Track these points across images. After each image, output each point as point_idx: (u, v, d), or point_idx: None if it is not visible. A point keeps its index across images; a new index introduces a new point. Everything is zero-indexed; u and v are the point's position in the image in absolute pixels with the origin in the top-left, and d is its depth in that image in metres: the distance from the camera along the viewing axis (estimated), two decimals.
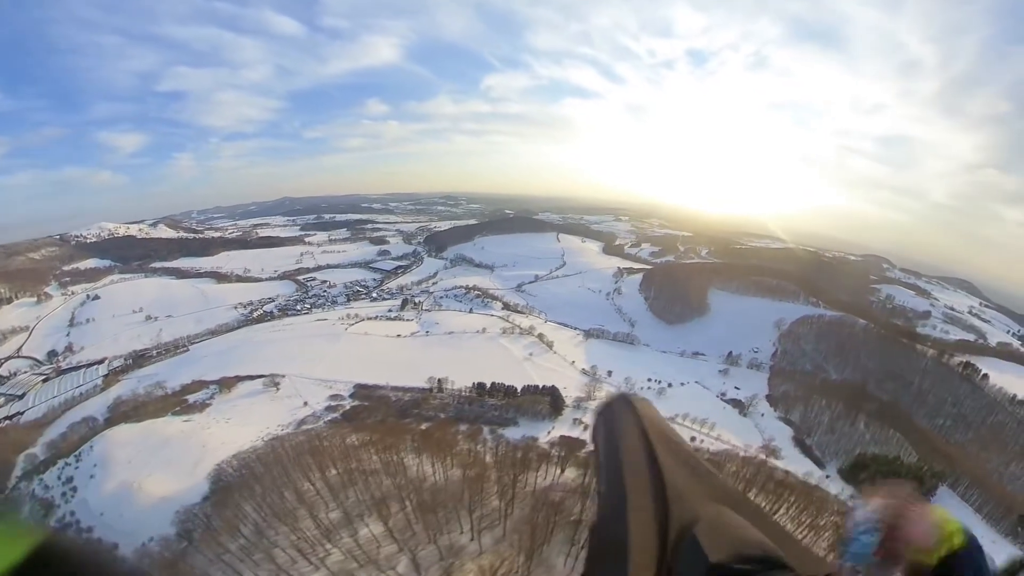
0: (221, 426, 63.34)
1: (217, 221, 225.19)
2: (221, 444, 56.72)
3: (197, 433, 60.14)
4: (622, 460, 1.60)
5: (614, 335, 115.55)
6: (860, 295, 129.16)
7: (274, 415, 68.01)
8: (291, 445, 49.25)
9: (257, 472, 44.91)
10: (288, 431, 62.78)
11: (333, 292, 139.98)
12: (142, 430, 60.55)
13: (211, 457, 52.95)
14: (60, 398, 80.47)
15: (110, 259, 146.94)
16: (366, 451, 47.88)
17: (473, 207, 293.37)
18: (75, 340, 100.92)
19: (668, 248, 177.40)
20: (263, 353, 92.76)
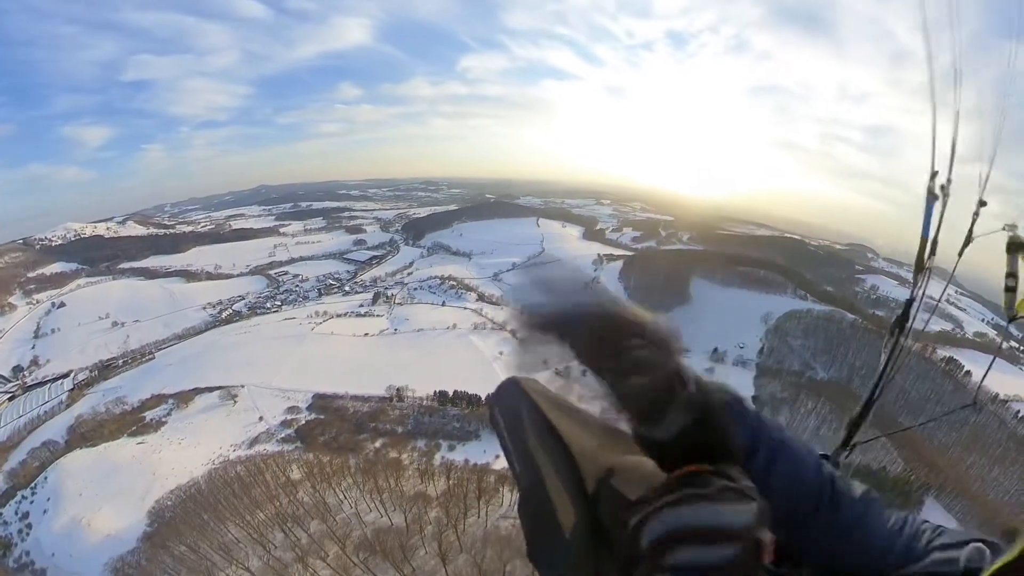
0: (173, 448, 65.35)
1: (191, 214, 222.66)
2: (170, 471, 58.85)
3: (148, 458, 62.18)
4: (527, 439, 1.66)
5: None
6: (846, 286, 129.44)
7: (228, 433, 69.98)
8: (232, 477, 51.40)
9: (192, 510, 47.01)
10: (240, 452, 64.91)
11: (305, 287, 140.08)
12: (96, 456, 62.61)
13: (158, 487, 55.09)
14: (25, 418, 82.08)
15: (77, 262, 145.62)
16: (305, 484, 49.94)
17: (454, 192, 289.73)
18: (41, 353, 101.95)
19: (650, 233, 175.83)
20: (227, 359, 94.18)
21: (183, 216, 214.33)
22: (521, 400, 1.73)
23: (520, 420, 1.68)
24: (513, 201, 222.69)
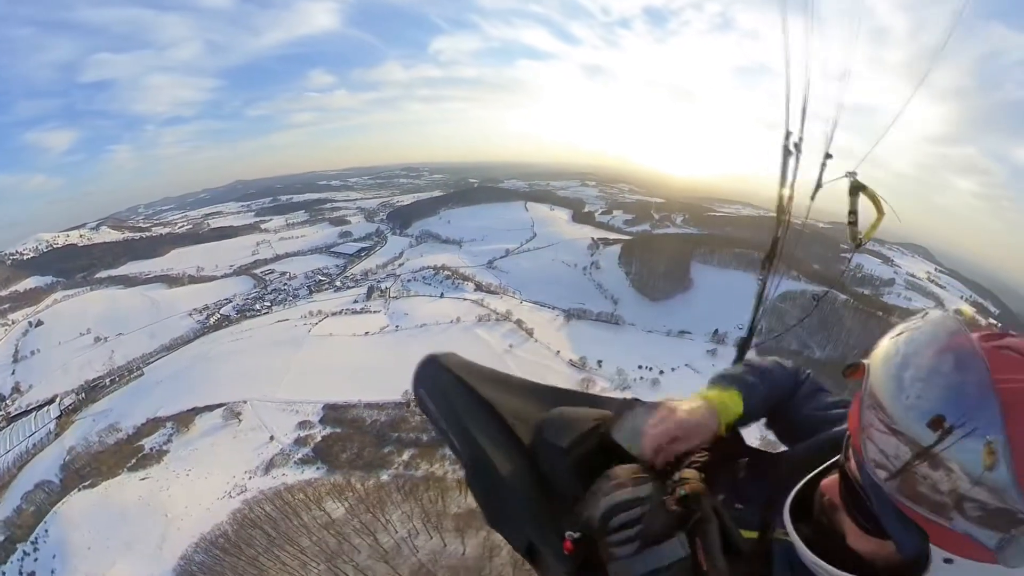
0: (182, 482, 59.73)
1: (166, 214, 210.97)
2: (184, 510, 53.45)
3: (156, 497, 56.45)
4: (459, 414, 1.71)
5: (596, 315, 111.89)
6: (832, 265, 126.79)
7: (238, 458, 64.42)
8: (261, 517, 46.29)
9: (226, 562, 41.95)
10: (256, 479, 59.68)
11: (294, 285, 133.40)
12: (98, 499, 56.62)
13: (174, 532, 49.82)
14: (12, 453, 75.34)
15: (51, 275, 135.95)
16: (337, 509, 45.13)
17: (436, 178, 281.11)
18: (22, 378, 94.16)
19: (642, 216, 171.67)
20: (222, 372, 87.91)
21: (158, 217, 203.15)
22: (444, 377, 1.83)
23: (448, 397, 1.79)
24: (497, 185, 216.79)
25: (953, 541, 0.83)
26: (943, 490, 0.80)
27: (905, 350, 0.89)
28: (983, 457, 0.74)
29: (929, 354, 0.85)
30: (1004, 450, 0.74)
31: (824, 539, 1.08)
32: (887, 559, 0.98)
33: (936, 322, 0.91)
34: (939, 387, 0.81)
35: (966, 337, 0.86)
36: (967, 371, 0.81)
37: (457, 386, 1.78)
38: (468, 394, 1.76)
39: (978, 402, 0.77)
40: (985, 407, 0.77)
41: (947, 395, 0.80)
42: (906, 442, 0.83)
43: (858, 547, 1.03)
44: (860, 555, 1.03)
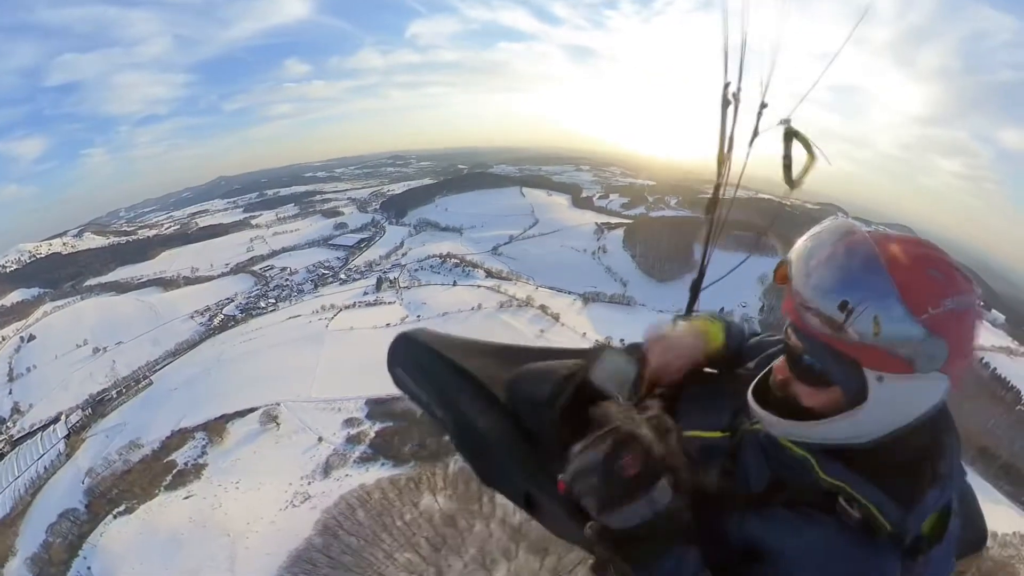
0: (233, 497, 53.15)
1: (150, 216, 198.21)
2: (246, 527, 46.97)
3: (209, 516, 49.71)
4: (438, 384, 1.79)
5: (610, 297, 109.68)
6: None
7: (290, 464, 57.75)
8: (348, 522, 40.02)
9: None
10: (317, 483, 53.47)
11: (296, 280, 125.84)
12: (141, 527, 49.56)
13: (244, 552, 43.43)
14: (22, 479, 67.16)
15: (38, 286, 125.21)
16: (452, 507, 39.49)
17: (424, 165, 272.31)
18: (20, 397, 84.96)
19: (637, 199, 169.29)
20: (241, 374, 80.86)
21: (142, 219, 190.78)
22: (418, 350, 1.89)
23: (425, 369, 1.85)
24: (488, 171, 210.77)
25: (879, 360, 1.08)
26: (860, 339, 1.06)
27: (811, 244, 1.19)
28: (872, 325, 1.03)
29: (827, 244, 1.14)
30: (893, 297, 1.03)
31: (784, 411, 1.27)
32: (837, 403, 1.18)
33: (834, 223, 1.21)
34: (836, 268, 1.10)
35: (854, 229, 1.15)
36: (855, 251, 1.09)
37: (431, 357, 1.82)
38: (443, 363, 1.79)
39: (867, 270, 1.06)
40: (872, 272, 1.06)
41: (843, 272, 1.09)
42: (819, 315, 1.10)
43: (813, 404, 1.23)
44: (815, 411, 1.22)
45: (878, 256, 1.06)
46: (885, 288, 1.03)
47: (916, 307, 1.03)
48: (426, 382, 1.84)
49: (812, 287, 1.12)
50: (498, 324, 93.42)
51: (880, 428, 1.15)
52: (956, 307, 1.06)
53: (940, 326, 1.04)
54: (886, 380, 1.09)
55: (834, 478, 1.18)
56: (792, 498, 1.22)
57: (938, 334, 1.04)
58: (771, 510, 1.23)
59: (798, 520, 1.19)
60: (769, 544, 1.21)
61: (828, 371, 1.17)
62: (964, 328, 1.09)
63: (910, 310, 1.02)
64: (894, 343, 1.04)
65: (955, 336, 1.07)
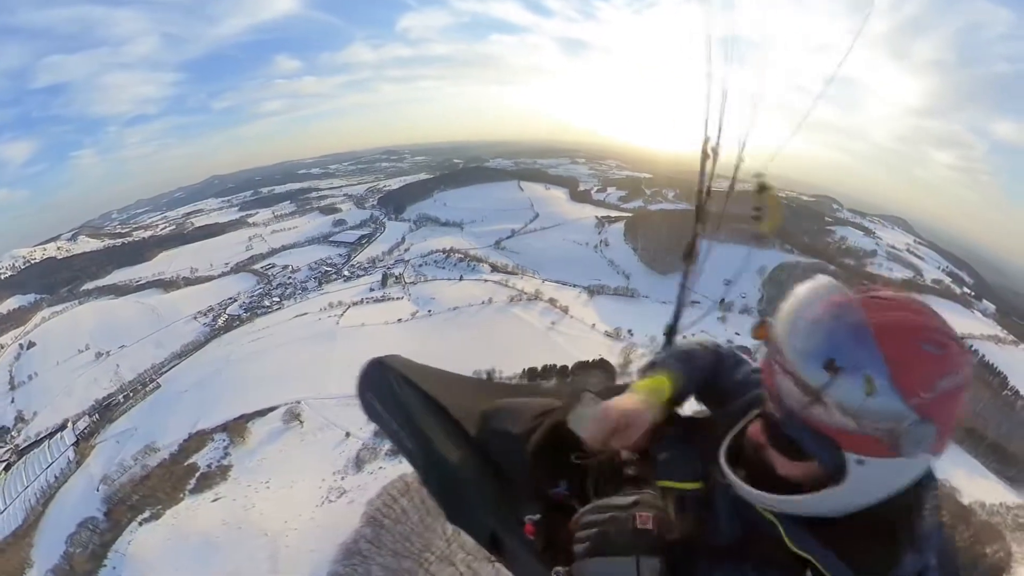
0: (264, 496, 51.11)
1: (143, 217, 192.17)
2: (284, 525, 45.06)
3: (243, 517, 47.62)
4: (410, 414, 1.73)
5: (614, 290, 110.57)
6: (818, 237, 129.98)
7: (318, 460, 55.90)
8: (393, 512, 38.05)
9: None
10: (350, 478, 51.52)
11: (299, 278, 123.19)
12: (170, 532, 47.24)
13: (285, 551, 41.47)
14: (32, 488, 64.12)
15: (34, 292, 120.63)
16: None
17: (419, 160, 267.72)
18: (23, 406, 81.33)
19: (634, 192, 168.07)
20: (254, 373, 78.64)
21: (135, 221, 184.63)
22: (391, 379, 1.85)
23: (397, 397, 1.80)
24: (484, 165, 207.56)
25: (860, 444, 1.02)
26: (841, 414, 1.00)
27: (796, 307, 1.11)
28: (864, 387, 0.95)
29: (814, 308, 1.06)
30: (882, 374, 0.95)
31: (757, 475, 1.22)
32: (813, 475, 1.13)
33: (820, 284, 1.13)
34: (821, 333, 1.02)
35: (842, 292, 1.07)
36: (842, 318, 1.01)
37: (404, 386, 1.78)
38: (416, 393, 1.76)
39: (855, 340, 0.98)
40: (860, 342, 0.97)
41: (828, 339, 1.00)
42: (799, 383, 1.03)
43: (787, 473, 1.18)
44: (789, 480, 1.18)
45: (867, 324, 0.98)
46: (873, 363, 0.96)
47: (907, 390, 0.96)
48: (398, 411, 1.77)
49: (794, 350, 1.06)
50: (510, 318, 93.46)
51: (856, 505, 1.10)
52: (950, 387, 0.99)
53: (932, 410, 0.98)
54: (868, 463, 1.04)
55: (801, 549, 1.14)
56: (761, 558, 1.19)
57: (930, 418, 0.98)
58: (738, 569, 1.20)
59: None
60: None
61: (805, 447, 1.11)
62: (955, 407, 1.02)
63: (900, 393, 0.95)
64: (880, 424, 0.98)
65: (946, 418, 1.01)
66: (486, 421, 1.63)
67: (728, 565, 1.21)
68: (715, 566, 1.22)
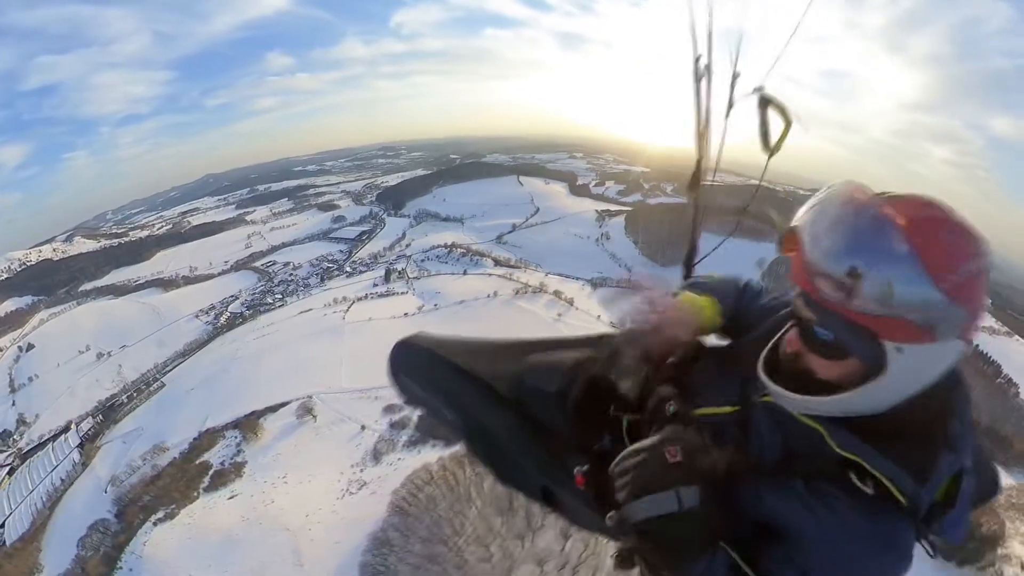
0: (282, 491, 49.28)
1: (138, 217, 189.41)
2: (305, 519, 43.35)
3: (262, 513, 45.80)
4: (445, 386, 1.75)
5: (617, 282, 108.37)
6: None
7: (335, 454, 54.03)
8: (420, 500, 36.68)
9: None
10: (369, 470, 49.94)
11: (301, 274, 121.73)
12: (187, 531, 45.37)
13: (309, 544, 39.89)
14: (38, 493, 62.07)
15: (31, 294, 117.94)
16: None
17: (415, 156, 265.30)
18: (24, 409, 79.00)
19: (632, 186, 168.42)
20: (263, 370, 76.66)
21: (130, 221, 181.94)
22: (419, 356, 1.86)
23: (429, 373, 1.81)
24: (481, 160, 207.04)
25: (897, 330, 1.03)
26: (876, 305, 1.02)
27: (818, 209, 1.12)
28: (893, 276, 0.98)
29: (837, 208, 1.08)
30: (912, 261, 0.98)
31: (797, 383, 1.23)
32: (854, 374, 1.14)
33: (838, 186, 1.14)
34: (850, 230, 1.04)
35: (864, 191, 1.09)
36: (865, 214, 1.04)
37: (434, 361, 1.80)
38: (446, 365, 1.77)
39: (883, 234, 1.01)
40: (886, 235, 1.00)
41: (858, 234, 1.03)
42: (832, 281, 1.04)
43: (827, 375, 1.19)
44: (830, 382, 1.18)
45: (892, 218, 1.02)
46: (902, 253, 0.99)
47: (936, 274, 0.99)
48: (432, 386, 1.79)
49: (823, 251, 1.06)
50: (516, 310, 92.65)
51: (898, 396, 1.12)
52: (974, 271, 1.02)
53: (960, 292, 1.01)
54: (905, 350, 1.05)
55: (847, 451, 1.16)
56: (806, 470, 1.20)
57: (958, 300, 1.01)
58: (786, 486, 1.21)
59: (812, 498, 1.17)
60: (785, 522, 1.19)
61: (844, 343, 1.13)
62: (981, 291, 1.05)
63: (931, 277, 0.98)
64: (913, 310, 1.01)
65: (974, 300, 1.04)
66: (521, 381, 1.61)
67: (775, 482, 1.22)
68: (762, 485, 1.23)
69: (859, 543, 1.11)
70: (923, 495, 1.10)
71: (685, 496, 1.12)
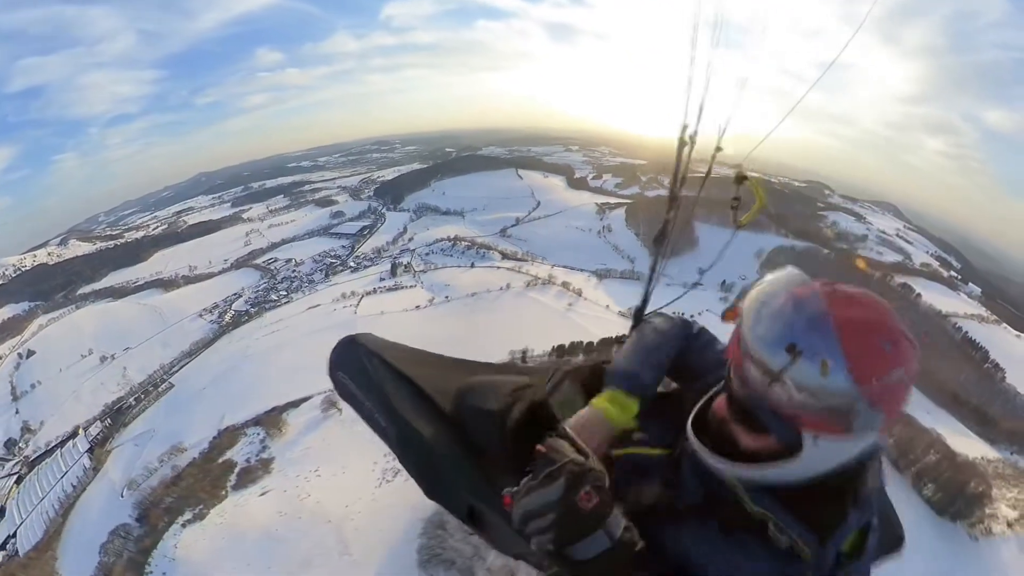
0: (318, 485, 47.51)
1: (132, 218, 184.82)
2: (346, 510, 41.77)
3: (300, 507, 43.97)
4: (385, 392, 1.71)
5: (621, 273, 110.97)
6: (811, 222, 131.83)
7: (365, 444, 51.05)
8: None
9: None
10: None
11: (304, 271, 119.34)
12: (221, 531, 43.20)
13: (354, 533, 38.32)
14: (49, 500, 59.18)
15: (28, 300, 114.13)
16: None
17: (410, 150, 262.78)
18: (29, 416, 75.56)
19: (630, 179, 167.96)
20: (277, 366, 74.30)
21: (124, 222, 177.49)
22: (364, 357, 1.81)
23: (370, 376, 1.77)
24: (477, 153, 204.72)
25: (816, 424, 1.10)
26: (799, 395, 1.08)
27: (762, 295, 1.18)
28: (821, 371, 1.03)
29: (779, 298, 1.14)
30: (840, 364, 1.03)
31: (721, 446, 1.31)
32: (771, 448, 1.21)
33: (786, 274, 1.20)
34: (785, 321, 1.10)
35: (806, 284, 1.15)
36: (804, 308, 1.09)
37: (378, 365, 1.75)
38: (389, 372, 1.74)
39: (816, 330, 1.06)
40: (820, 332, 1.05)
41: (791, 327, 1.08)
42: (762, 366, 1.11)
43: (748, 446, 1.26)
44: (750, 451, 1.26)
45: (828, 315, 1.07)
46: (831, 350, 1.04)
47: (861, 378, 1.04)
48: (370, 389, 1.74)
49: (757, 336, 1.13)
50: (529, 301, 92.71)
51: (810, 475, 1.19)
52: (898, 379, 1.07)
53: (882, 397, 1.06)
54: (820, 441, 1.12)
55: (760, 508, 1.22)
56: (726, 515, 1.27)
57: (879, 405, 1.07)
58: (704, 530, 1.29)
59: (726, 543, 1.25)
60: (697, 561, 1.26)
61: (766, 423, 1.19)
62: (903, 397, 1.10)
63: (856, 380, 1.03)
64: (833, 408, 1.06)
65: (895, 405, 1.09)
66: (461, 398, 1.60)
67: (694, 523, 1.30)
68: (682, 525, 1.31)
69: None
70: (828, 553, 1.19)
71: (612, 530, 1.14)
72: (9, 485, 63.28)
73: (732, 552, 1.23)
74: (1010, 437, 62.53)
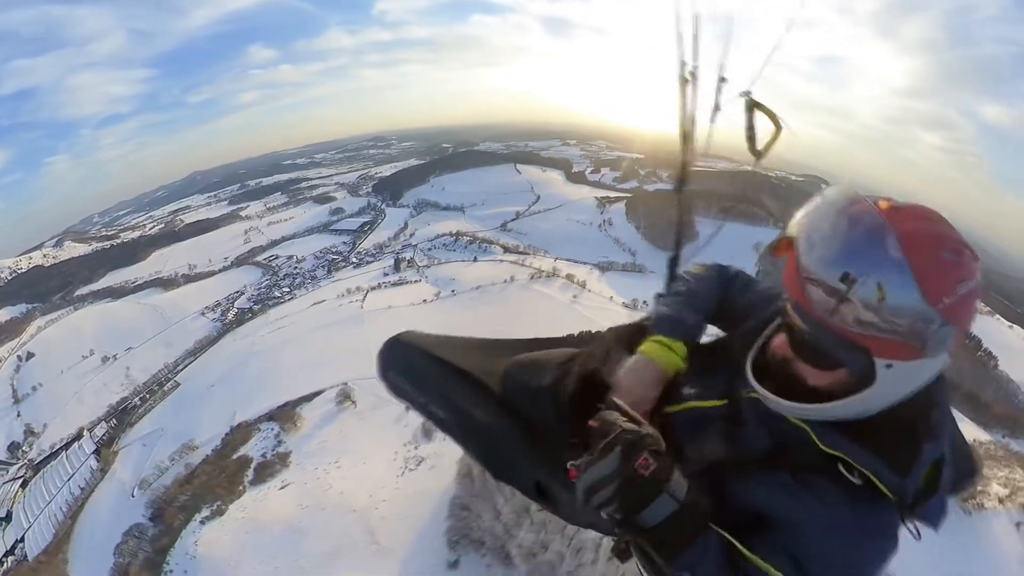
0: (339, 476, 45.69)
1: (127, 218, 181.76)
2: (369, 500, 39.98)
3: (322, 498, 42.19)
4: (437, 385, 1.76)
5: (622, 266, 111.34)
6: None
7: (384, 435, 50.32)
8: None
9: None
10: (424, 447, 46.42)
11: (306, 267, 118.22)
12: (243, 526, 41.49)
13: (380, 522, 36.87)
14: (56, 503, 57.58)
15: (25, 302, 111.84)
16: None
17: (407, 145, 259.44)
18: (31, 419, 73.54)
19: (628, 173, 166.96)
20: (286, 361, 73.17)
21: (119, 223, 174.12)
22: (410, 354, 1.86)
23: (420, 371, 1.81)
24: (476, 149, 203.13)
25: (888, 348, 1.04)
26: (868, 316, 1.01)
27: (816, 216, 1.11)
28: (888, 288, 0.97)
29: (835, 216, 1.07)
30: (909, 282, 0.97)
31: (785, 388, 1.24)
32: (843, 383, 1.16)
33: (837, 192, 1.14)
34: (847, 240, 1.03)
35: (862, 199, 1.08)
36: (866, 226, 1.02)
37: (425, 358, 1.80)
38: (437, 363, 1.77)
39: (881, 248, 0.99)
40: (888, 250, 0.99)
41: (855, 246, 1.02)
42: (825, 287, 1.04)
43: (817, 383, 1.20)
44: (819, 390, 1.20)
45: (891, 230, 1.00)
46: (899, 269, 0.98)
47: (933, 296, 0.99)
48: (423, 384, 1.79)
49: (817, 257, 1.06)
50: (534, 294, 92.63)
51: (884, 405, 1.14)
52: (968, 291, 1.02)
53: (954, 313, 1.01)
54: (895, 366, 1.06)
55: (832, 448, 1.18)
56: (794, 462, 1.23)
57: (952, 322, 1.01)
58: (775, 477, 1.23)
59: (801, 488, 1.20)
60: (776, 512, 1.21)
61: (835, 356, 1.14)
62: (973, 309, 1.05)
63: (927, 299, 0.98)
64: (906, 328, 1.01)
65: (966, 319, 1.04)
66: (511, 378, 1.62)
67: (763, 475, 1.25)
68: (750, 478, 1.26)
69: (847, 531, 1.15)
70: (907, 487, 1.13)
71: (676, 492, 1.12)
72: (14, 489, 61.41)
73: (810, 500, 1.18)
74: (1002, 421, 63.93)
